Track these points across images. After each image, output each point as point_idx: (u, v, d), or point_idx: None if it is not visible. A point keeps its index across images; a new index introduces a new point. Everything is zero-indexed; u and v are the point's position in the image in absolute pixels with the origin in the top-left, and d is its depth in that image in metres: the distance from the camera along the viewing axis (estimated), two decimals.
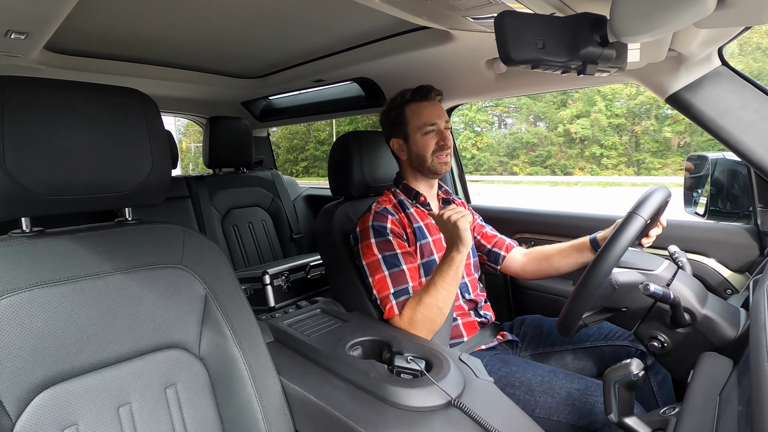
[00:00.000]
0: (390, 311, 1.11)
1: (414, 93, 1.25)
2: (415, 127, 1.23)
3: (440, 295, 1.04)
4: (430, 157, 1.23)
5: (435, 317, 1.06)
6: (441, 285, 1.04)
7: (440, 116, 1.24)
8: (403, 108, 1.26)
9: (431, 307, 1.05)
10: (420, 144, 1.23)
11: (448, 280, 1.04)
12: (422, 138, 1.23)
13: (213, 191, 2.13)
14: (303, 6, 1.15)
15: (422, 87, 1.25)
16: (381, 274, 1.13)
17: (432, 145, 1.22)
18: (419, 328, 1.07)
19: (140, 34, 1.33)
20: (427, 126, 1.22)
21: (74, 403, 0.70)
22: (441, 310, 1.06)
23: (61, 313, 0.70)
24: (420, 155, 1.24)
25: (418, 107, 1.24)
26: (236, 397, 0.84)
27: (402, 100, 1.26)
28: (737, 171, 1.24)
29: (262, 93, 2.22)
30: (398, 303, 1.11)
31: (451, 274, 1.04)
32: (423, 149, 1.23)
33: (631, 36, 0.63)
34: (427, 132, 1.22)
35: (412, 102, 1.25)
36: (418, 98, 1.25)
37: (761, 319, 0.54)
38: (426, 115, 1.23)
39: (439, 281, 1.04)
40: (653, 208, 0.86)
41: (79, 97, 0.74)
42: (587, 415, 0.92)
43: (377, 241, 1.16)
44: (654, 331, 0.85)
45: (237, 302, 0.89)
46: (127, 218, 0.86)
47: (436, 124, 1.23)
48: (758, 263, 1.16)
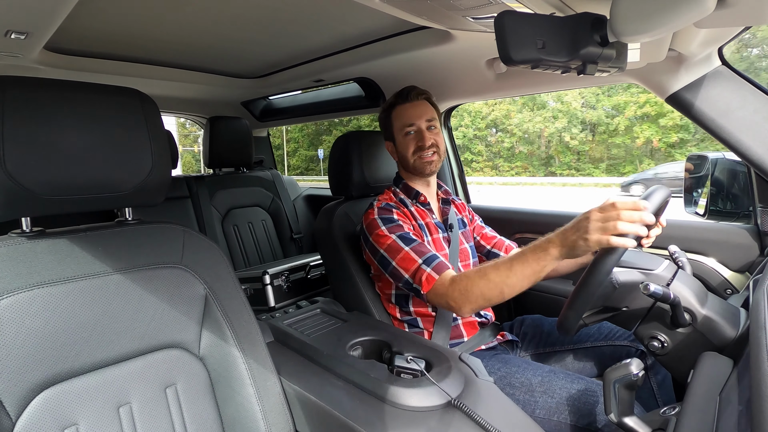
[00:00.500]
0: (429, 280, 1.03)
1: (397, 96, 1.28)
2: (398, 129, 1.26)
3: (510, 280, 0.92)
4: (411, 158, 1.25)
5: (492, 298, 0.95)
6: (519, 269, 0.91)
7: (420, 116, 1.25)
8: (390, 111, 1.29)
9: (494, 286, 0.93)
10: (402, 145, 1.26)
11: (528, 269, 0.90)
12: (404, 139, 1.25)
13: (213, 191, 2.13)
14: (303, 6, 1.15)
15: (405, 89, 1.27)
16: (403, 252, 1.10)
17: (412, 145, 1.24)
18: (469, 300, 0.97)
19: (140, 34, 1.33)
20: (406, 127, 1.24)
21: (74, 403, 0.70)
22: (502, 294, 0.94)
23: (61, 313, 0.70)
24: (403, 156, 1.27)
25: (401, 109, 1.27)
26: (236, 397, 0.84)
27: (387, 104, 1.29)
28: (737, 171, 1.24)
29: (262, 93, 2.22)
30: (435, 268, 1.04)
31: (534, 265, 0.89)
32: (405, 150, 1.26)
33: (631, 36, 0.63)
34: (407, 133, 1.25)
35: (396, 105, 1.28)
36: (400, 101, 1.27)
37: (761, 319, 0.54)
38: (406, 116, 1.25)
39: (518, 265, 0.91)
40: (653, 208, 0.86)
41: (79, 97, 0.74)
42: (587, 416, 0.92)
43: (388, 226, 1.15)
44: (654, 331, 0.85)
45: (237, 302, 0.89)
46: (127, 218, 0.86)
47: (414, 124, 1.24)
48: (758, 263, 1.16)
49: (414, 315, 1.22)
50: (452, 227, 1.30)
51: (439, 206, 1.35)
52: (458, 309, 1.01)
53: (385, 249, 1.13)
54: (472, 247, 1.36)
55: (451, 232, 1.29)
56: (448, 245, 1.27)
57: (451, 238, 1.28)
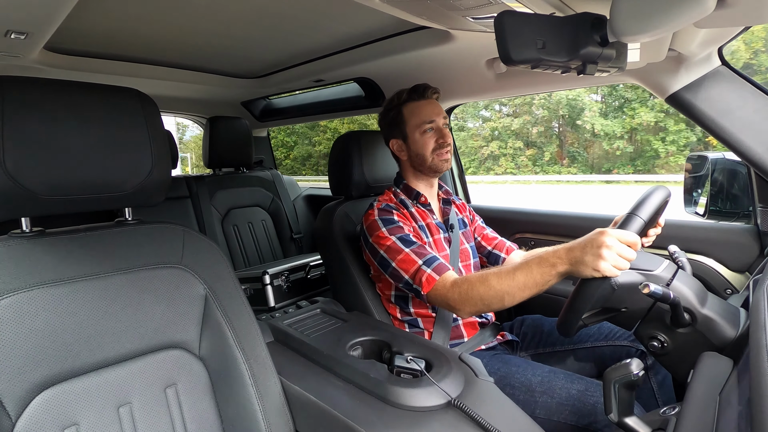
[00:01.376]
0: (429, 280, 1.03)
1: (411, 92, 1.25)
2: (414, 126, 1.23)
3: (512, 290, 0.90)
4: (430, 156, 1.22)
5: (493, 304, 0.94)
6: (522, 280, 0.89)
7: (438, 114, 1.24)
8: (400, 108, 1.25)
9: (495, 293, 0.92)
10: (419, 143, 1.23)
11: (531, 281, 0.89)
12: (421, 137, 1.22)
13: (213, 191, 2.13)
14: (303, 6, 1.15)
15: (419, 86, 1.25)
16: (403, 253, 1.10)
17: (431, 143, 1.22)
18: (468, 303, 0.97)
19: (140, 34, 1.33)
20: (426, 124, 1.22)
21: (74, 403, 0.70)
22: (502, 302, 0.93)
23: (61, 313, 0.70)
24: (420, 154, 1.23)
25: (416, 106, 1.24)
26: (236, 397, 0.84)
27: (399, 100, 1.26)
28: (737, 171, 1.24)
29: (262, 93, 2.22)
30: (435, 269, 1.04)
31: (538, 278, 0.88)
32: (422, 148, 1.23)
33: (631, 36, 0.63)
34: (426, 130, 1.22)
35: (409, 101, 1.25)
36: (415, 97, 1.24)
37: (761, 319, 0.54)
38: (424, 113, 1.23)
39: (522, 276, 0.90)
40: (652, 209, 0.86)
41: (79, 97, 0.74)
42: (587, 416, 0.92)
43: (388, 227, 1.15)
44: (654, 331, 0.85)
45: (237, 302, 0.89)
46: (127, 218, 0.86)
47: (434, 121, 1.22)
48: (758, 263, 1.16)
49: (414, 315, 1.22)
50: (453, 227, 1.30)
51: (440, 206, 1.35)
52: (457, 310, 1.01)
53: (385, 250, 1.13)
54: (472, 247, 1.36)
55: (452, 233, 1.29)
56: (449, 245, 1.27)
57: (451, 238, 1.28)
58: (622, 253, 0.78)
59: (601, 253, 0.78)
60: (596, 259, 0.78)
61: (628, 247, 0.79)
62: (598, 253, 0.78)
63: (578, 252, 0.83)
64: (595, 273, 0.79)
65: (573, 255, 0.83)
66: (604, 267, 0.78)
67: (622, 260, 0.78)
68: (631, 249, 0.79)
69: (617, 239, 0.79)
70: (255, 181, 2.33)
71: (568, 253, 0.85)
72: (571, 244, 0.86)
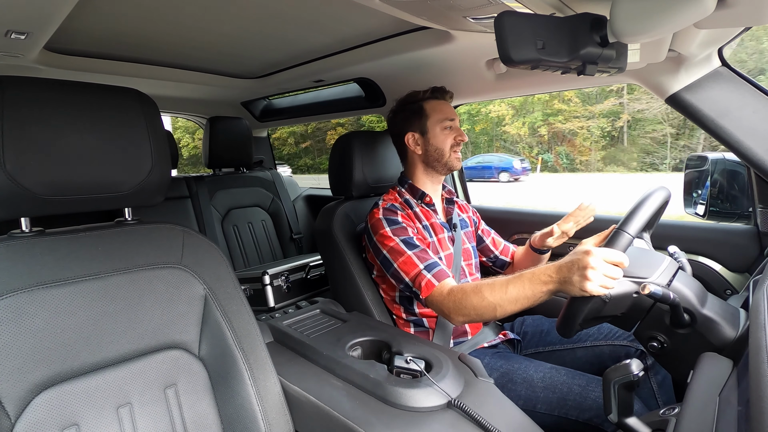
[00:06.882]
0: (428, 286, 1.05)
1: (434, 91, 1.30)
2: (436, 120, 1.27)
3: (504, 302, 0.92)
4: (448, 152, 1.26)
5: (485, 315, 0.95)
6: (514, 294, 0.90)
7: (456, 115, 1.30)
8: (422, 103, 1.29)
9: (488, 305, 0.94)
10: (440, 138, 1.26)
11: (522, 295, 0.90)
12: (442, 132, 1.26)
13: (213, 191, 2.13)
14: (303, 6, 1.15)
15: (440, 87, 1.31)
16: (405, 256, 1.11)
17: (450, 140, 1.26)
18: (460, 313, 0.99)
19: (140, 34, 1.33)
20: (447, 121, 1.27)
21: (74, 403, 0.70)
22: (494, 314, 0.94)
23: (61, 313, 0.70)
24: (439, 149, 1.26)
25: (438, 104, 1.29)
26: (236, 397, 0.84)
27: (422, 96, 1.30)
28: (737, 171, 1.24)
29: (262, 93, 2.22)
30: (435, 275, 1.06)
31: (529, 293, 0.89)
32: (442, 143, 1.26)
33: (631, 36, 0.63)
34: (447, 127, 1.26)
35: (431, 99, 1.30)
36: (438, 95, 1.30)
37: (761, 319, 0.54)
38: (447, 110, 1.28)
39: (514, 290, 0.91)
40: (642, 222, 0.84)
41: (79, 97, 0.74)
42: (588, 411, 0.93)
43: (392, 228, 1.16)
44: (654, 332, 0.85)
45: (237, 302, 0.89)
46: (127, 218, 0.86)
47: (454, 120, 1.27)
48: (758, 264, 1.16)
49: (419, 315, 1.23)
50: (456, 227, 1.31)
51: (444, 206, 1.36)
52: (450, 318, 1.03)
53: (388, 251, 1.14)
54: (473, 247, 1.37)
55: (455, 232, 1.30)
56: (452, 244, 1.27)
57: (455, 237, 1.29)
58: (607, 273, 0.78)
59: (586, 274, 0.78)
60: (582, 280, 0.78)
61: (615, 266, 0.78)
62: (583, 275, 0.78)
63: (566, 272, 0.83)
64: (582, 293, 0.80)
65: (561, 274, 0.84)
66: (590, 288, 0.78)
67: (608, 280, 0.78)
68: (617, 268, 0.79)
69: (603, 259, 0.78)
70: (255, 181, 2.33)
71: (558, 272, 0.85)
72: (560, 262, 0.86)
